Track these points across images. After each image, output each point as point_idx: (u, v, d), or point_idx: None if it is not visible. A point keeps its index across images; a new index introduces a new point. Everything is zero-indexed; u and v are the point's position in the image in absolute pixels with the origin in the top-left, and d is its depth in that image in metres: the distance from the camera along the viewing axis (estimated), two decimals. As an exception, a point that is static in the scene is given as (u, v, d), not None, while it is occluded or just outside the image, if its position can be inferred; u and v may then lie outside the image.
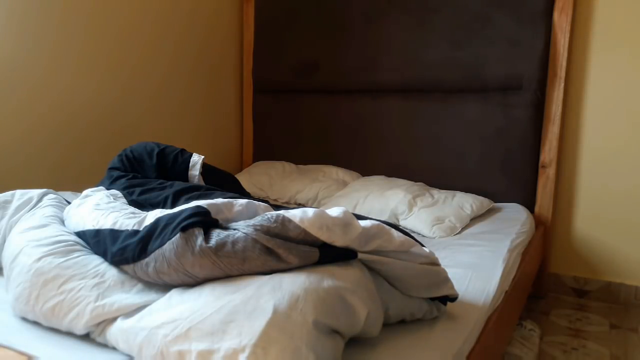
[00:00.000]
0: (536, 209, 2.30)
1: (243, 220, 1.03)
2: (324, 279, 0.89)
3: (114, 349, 0.95)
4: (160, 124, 2.44)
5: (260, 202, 1.12)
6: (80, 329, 0.97)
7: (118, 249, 1.04)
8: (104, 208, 1.19)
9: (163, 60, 2.43)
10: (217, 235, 0.95)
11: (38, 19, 1.87)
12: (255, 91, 2.91)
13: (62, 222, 1.27)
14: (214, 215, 1.02)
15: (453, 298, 1.14)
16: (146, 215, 1.10)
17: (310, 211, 0.96)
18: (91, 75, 2.10)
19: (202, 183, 1.55)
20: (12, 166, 1.86)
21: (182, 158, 1.57)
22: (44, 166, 1.95)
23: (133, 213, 1.15)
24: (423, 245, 1.09)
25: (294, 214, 0.96)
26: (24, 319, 1.05)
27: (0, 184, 1.79)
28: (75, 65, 2.03)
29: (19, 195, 1.38)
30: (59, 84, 1.97)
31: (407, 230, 1.36)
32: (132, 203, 1.29)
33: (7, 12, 1.78)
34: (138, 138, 2.28)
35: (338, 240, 0.95)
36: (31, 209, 1.33)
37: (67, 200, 1.43)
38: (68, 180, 2.02)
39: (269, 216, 0.96)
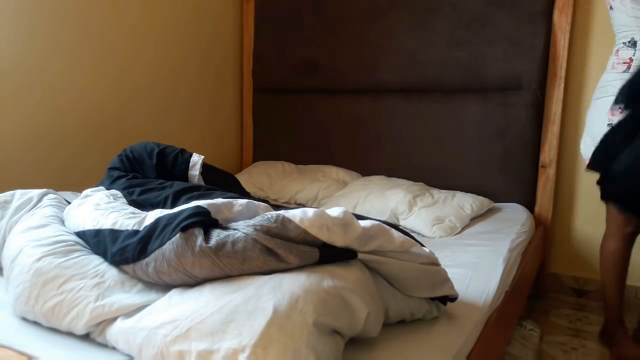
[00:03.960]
0: (536, 209, 2.30)
1: (243, 220, 1.03)
2: (324, 279, 0.89)
3: (114, 349, 0.95)
4: (160, 124, 2.44)
5: (260, 202, 1.12)
6: (80, 329, 0.97)
7: (118, 249, 1.04)
8: (104, 208, 1.19)
9: (164, 61, 2.43)
10: (217, 235, 0.95)
11: (48, 24, 1.88)
12: (255, 91, 2.91)
13: (62, 222, 1.27)
14: (214, 215, 1.02)
15: (453, 298, 1.14)
16: (146, 215, 1.10)
17: (310, 211, 0.96)
18: (99, 78, 2.11)
19: (202, 183, 1.55)
20: (20, 167, 1.86)
21: (182, 158, 1.57)
22: (51, 167, 1.96)
23: (133, 213, 1.15)
24: (423, 245, 1.09)
25: (294, 214, 0.96)
26: (24, 319, 1.05)
27: (7, 184, 1.79)
28: (85, 69, 2.05)
29: (19, 195, 1.38)
30: (68, 87, 1.98)
31: (407, 230, 1.36)
32: (132, 203, 1.29)
33: (18, 16, 1.80)
34: (138, 138, 2.28)
35: (338, 240, 0.95)
36: (31, 209, 1.33)
37: (67, 200, 1.43)
38: (74, 181, 2.02)
39: (269, 216, 0.96)
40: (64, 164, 2.01)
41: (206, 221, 0.99)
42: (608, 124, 1.67)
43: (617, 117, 1.65)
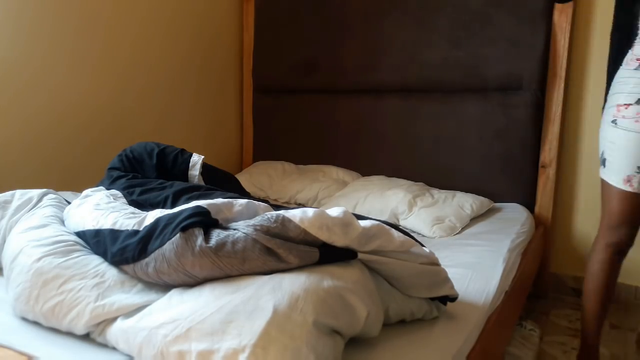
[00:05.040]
0: (536, 209, 2.30)
1: (243, 220, 1.03)
2: (324, 279, 0.89)
3: (114, 349, 0.95)
4: (159, 123, 2.44)
5: (260, 202, 1.12)
6: (80, 329, 0.97)
7: (118, 249, 1.04)
8: (104, 208, 1.19)
9: (165, 62, 2.43)
10: (217, 235, 0.95)
11: (31, 19, 1.87)
12: (255, 91, 2.91)
13: (62, 222, 1.27)
14: (214, 215, 1.02)
15: (453, 298, 1.14)
16: (146, 215, 1.10)
17: (310, 211, 0.96)
18: (102, 79, 2.11)
19: (202, 183, 1.55)
20: (23, 168, 1.87)
21: (182, 158, 1.57)
22: (35, 165, 1.95)
23: (133, 213, 1.15)
24: (423, 245, 1.09)
25: (294, 214, 0.96)
26: (24, 319, 1.05)
27: (9, 185, 1.79)
28: (86, 72, 2.05)
29: (19, 195, 1.38)
30: (51, 82, 1.97)
31: (407, 230, 1.36)
32: (132, 203, 1.29)
33: (21, 17, 1.80)
34: (139, 138, 2.28)
35: (338, 240, 0.95)
36: (31, 209, 1.33)
37: (67, 200, 1.43)
38: (75, 182, 2.02)
39: (269, 216, 0.96)
40: (66, 165, 2.01)
41: (206, 221, 0.99)
42: (612, 121, 1.59)
43: (622, 112, 1.56)
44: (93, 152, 2.12)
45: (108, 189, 1.38)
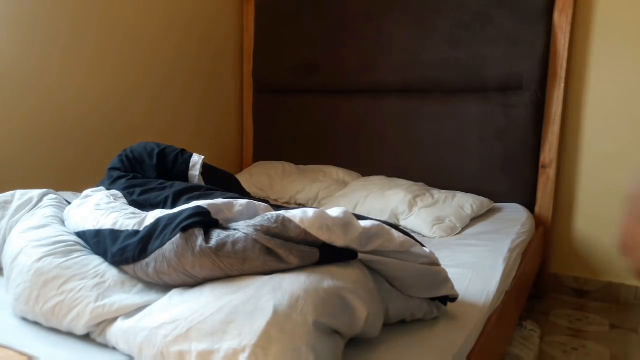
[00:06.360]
0: (536, 209, 2.30)
1: (243, 220, 1.02)
2: (324, 279, 0.89)
3: (114, 349, 0.95)
4: (160, 124, 2.44)
5: (260, 202, 1.12)
6: (80, 329, 0.97)
7: (118, 249, 1.04)
8: (104, 208, 1.19)
9: (164, 61, 2.43)
10: (217, 235, 0.95)
11: (28, 18, 1.87)
12: (255, 91, 2.91)
13: (62, 222, 1.27)
14: (214, 215, 1.02)
15: (453, 298, 1.14)
16: (146, 215, 1.10)
17: (310, 211, 0.96)
18: (97, 78, 2.11)
19: (202, 183, 1.55)
20: (20, 167, 1.87)
21: (182, 158, 1.57)
22: (52, 168, 1.96)
23: (133, 213, 1.15)
24: (423, 245, 1.09)
25: (294, 214, 0.96)
26: (24, 319, 1.05)
27: (8, 185, 1.79)
28: (82, 69, 2.05)
29: (19, 195, 1.38)
30: (67, 87, 1.99)
31: (407, 230, 1.36)
32: (132, 203, 1.29)
33: (17, 17, 1.80)
34: (140, 138, 2.28)
35: (338, 240, 0.95)
36: (31, 209, 1.33)
37: (67, 200, 1.43)
38: (74, 181, 2.02)
39: (269, 216, 0.96)
40: (64, 164, 2.01)
41: (206, 221, 0.99)
42: None
43: None
44: (90, 151, 2.11)
45: (108, 189, 1.38)
